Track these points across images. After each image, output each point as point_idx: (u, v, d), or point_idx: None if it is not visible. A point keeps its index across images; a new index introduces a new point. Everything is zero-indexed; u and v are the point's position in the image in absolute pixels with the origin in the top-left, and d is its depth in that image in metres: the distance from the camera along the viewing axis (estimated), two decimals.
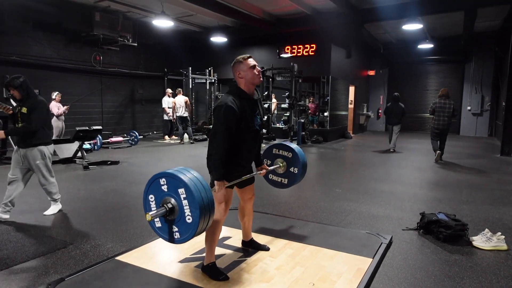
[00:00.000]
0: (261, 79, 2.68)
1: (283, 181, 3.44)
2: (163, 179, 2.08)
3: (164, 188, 2.08)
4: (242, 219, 3.08)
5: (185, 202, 2.02)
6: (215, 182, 2.51)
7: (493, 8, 10.08)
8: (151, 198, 2.14)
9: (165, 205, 2.07)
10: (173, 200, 2.06)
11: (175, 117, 11.44)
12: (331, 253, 3.12)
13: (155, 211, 2.06)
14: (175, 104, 11.16)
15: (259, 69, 2.65)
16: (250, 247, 3.17)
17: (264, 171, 2.98)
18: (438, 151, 8.14)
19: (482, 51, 14.06)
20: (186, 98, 11.11)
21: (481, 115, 14.46)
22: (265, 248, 3.15)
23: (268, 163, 3.41)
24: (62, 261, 2.96)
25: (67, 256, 3.06)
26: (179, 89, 11.37)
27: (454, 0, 9.12)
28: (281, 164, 3.37)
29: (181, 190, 2.02)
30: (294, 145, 3.37)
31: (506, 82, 9.63)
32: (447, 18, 11.12)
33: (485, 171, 7.20)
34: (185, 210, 2.03)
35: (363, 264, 2.90)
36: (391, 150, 9.87)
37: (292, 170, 3.35)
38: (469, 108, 14.59)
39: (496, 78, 13.84)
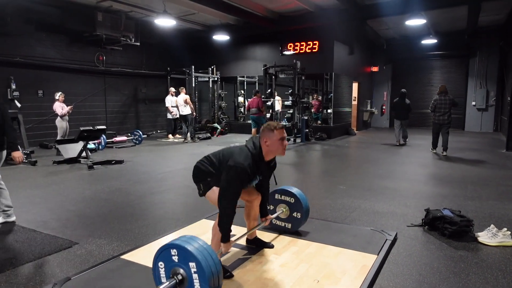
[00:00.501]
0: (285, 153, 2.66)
1: (286, 226, 3.50)
2: (174, 250, 2.11)
3: (175, 258, 2.11)
4: (248, 219, 3.06)
5: (195, 276, 2.06)
6: (222, 244, 2.49)
7: (497, 2, 9.95)
8: (161, 265, 2.18)
9: (175, 276, 2.10)
10: (182, 271, 2.09)
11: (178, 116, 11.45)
12: (336, 250, 3.12)
13: (167, 283, 2.10)
14: (177, 102, 11.16)
15: (287, 142, 2.62)
16: (254, 245, 3.17)
17: (268, 221, 2.98)
18: (435, 149, 8.89)
19: (487, 45, 13.93)
20: (186, 97, 11.07)
21: (486, 110, 14.34)
22: (269, 246, 3.15)
23: (271, 208, 3.49)
24: (68, 261, 2.98)
25: (73, 255, 3.09)
26: (182, 87, 11.37)
27: None
28: (283, 210, 3.44)
29: (192, 264, 2.05)
30: (295, 190, 3.44)
31: (511, 76, 9.55)
32: (450, 12, 11.03)
33: (490, 166, 7.16)
34: (195, 283, 2.06)
35: (368, 261, 2.89)
36: (400, 143, 10.39)
37: (295, 215, 3.42)
38: (474, 103, 14.48)
39: (501, 73, 13.72)
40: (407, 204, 4.59)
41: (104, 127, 8.10)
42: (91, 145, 8.65)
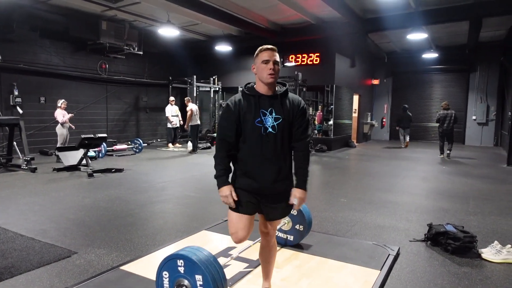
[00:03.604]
0: (273, 77, 2.12)
1: (288, 238, 3.48)
2: (181, 261, 2.09)
3: (181, 269, 2.09)
4: (260, 256, 2.50)
5: None
6: (219, 191, 2.17)
7: (498, 18, 10.06)
8: (165, 275, 2.16)
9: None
10: (187, 282, 2.08)
11: (187, 126, 10.79)
12: (338, 265, 3.08)
13: None
14: (192, 112, 10.60)
15: (272, 66, 2.11)
16: None
17: (295, 203, 2.19)
18: (442, 154, 10.59)
19: (487, 60, 14.03)
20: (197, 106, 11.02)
21: (487, 125, 14.36)
22: None
23: None
24: (66, 270, 2.94)
25: (72, 265, 3.04)
26: (188, 98, 11.31)
27: (459, 10, 9.12)
28: (286, 222, 3.41)
29: (198, 277, 2.04)
30: None
31: (511, 91, 9.60)
32: (452, 27, 11.13)
33: (491, 181, 7.13)
34: None
35: (371, 276, 2.86)
36: (404, 146, 13.12)
37: (298, 228, 3.40)
38: (474, 117, 14.51)
39: (501, 88, 13.78)
40: (409, 219, 4.55)
41: (105, 135, 8.09)
42: (91, 153, 8.63)
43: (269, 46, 2.15)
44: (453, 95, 15.11)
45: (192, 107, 10.77)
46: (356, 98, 14.47)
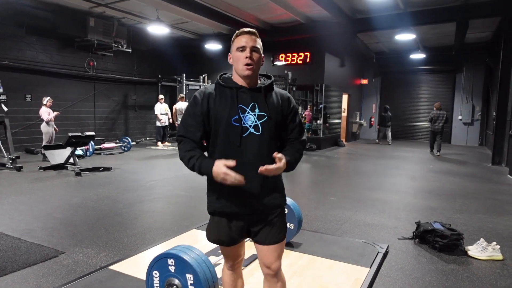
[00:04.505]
0: (250, 69, 1.72)
1: None
2: (172, 260, 2.08)
3: (171, 268, 2.08)
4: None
5: None
6: (213, 175, 1.62)
7: (484, 20, 10.26)
8: (155, 274, 2.14)
9: (169, 287, 2.08)
10: (177, 281, 2.07)
11: (176, 123, 10.83)
12: (328, 263, 3.10)
13: None
14: (176, 110, 10.65)
15: (249, 54, 1.71)
16: None
17: (279, 161, 1.64)
18: (432, 150, 11.31)
19: (473, 61, 14.28)
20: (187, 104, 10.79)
21: (472, 125, 14.63)
22: None
23: None
24: (53, 271, 2.89)
25: (59, 265, 3.00)
26: (182, 95, 11.18)
27: (446, 12, 9.27)
28: None
29: (189, 276, 2.02)
30: (288, 200, 3.37)
31: (496, 92, 9.80)
32: (439, 28, 11.29)
33: (477, 180, 7.27)
34: None
35: (361, 274, 2.88)
36: (380, 143, 14.38)
37: (288, 226, 3.39)
38: (460, 117, 14.77)
39: (486, 88, 14.05)
40: (397, 217, 4.61)
41: (93, 133, 7.96)
42: (78, 151, 8.50)
43: (247, 29, 1.75)
44: (439, 95, 15.34)
45: (177, 105, 10.71)
46: (345, 97, 14.58)
